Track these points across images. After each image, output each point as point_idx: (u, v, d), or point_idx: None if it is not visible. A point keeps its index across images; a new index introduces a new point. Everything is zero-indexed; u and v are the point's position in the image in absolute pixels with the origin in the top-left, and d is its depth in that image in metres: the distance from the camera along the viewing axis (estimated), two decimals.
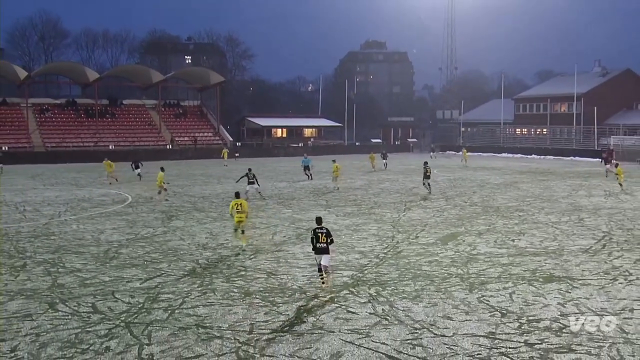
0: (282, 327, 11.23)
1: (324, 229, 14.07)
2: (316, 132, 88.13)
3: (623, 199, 29.59)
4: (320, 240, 13.83)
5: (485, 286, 13.99)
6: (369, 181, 39.50)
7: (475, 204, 28.09)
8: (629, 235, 20.20)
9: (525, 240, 19.49)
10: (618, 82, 79.29)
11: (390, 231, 21.17)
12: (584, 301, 12.77)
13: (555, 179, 40.68)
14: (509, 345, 10.29)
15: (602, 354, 9.88)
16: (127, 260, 16.74)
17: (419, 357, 9.82)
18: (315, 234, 13.96)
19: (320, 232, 13.94)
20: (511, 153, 70.44)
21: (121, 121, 73.26)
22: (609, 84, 79.57)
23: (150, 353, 10.02)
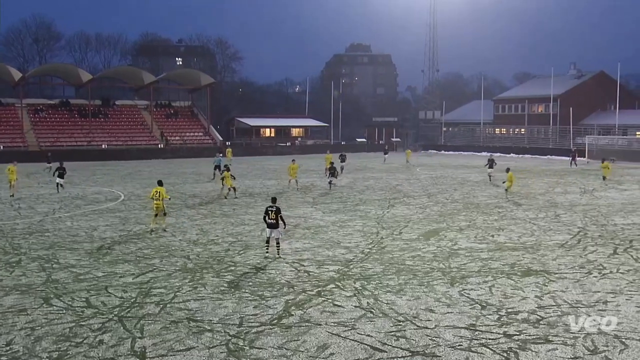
0: (271, 320, 11.23)
1: (274, 207, 16.35)
2: (303, 131, 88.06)
3: (597, 196, 29.83)
4: (270, 217, 16.19)
5: (466, 280, 14.06)
6: (354, 179, 39.53)
7: (456, 201, 28.21)
8: (603, 231, 20.37)
9: (504, 236, 19.59)
10: (593, 84, 79.85)
11: (375, 227, 21.21)
12: (560, 294, 12.87)
13: (532, 177, 40.94)
14: (488, 337, 10.35)
15: (578, 345, 9.96)
16: (120, 256, 16.65)
17: (402, 349, 9.85)
18: (266, 212, 16.37)
19: (271, 210, 16.29)
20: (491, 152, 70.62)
21: (114, 121, 72.77)
22: (584, 85, 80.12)
23: (143, 346, 9.98)
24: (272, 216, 16.18)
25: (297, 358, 9.51)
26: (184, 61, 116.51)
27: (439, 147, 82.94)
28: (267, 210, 16.39)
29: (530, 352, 9.66)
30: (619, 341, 10.07)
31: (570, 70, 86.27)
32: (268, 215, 16.30)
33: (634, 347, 9.80)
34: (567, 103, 74.76)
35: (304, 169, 42.08)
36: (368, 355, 9.60)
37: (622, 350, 9.70)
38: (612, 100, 71.18)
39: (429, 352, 9.68)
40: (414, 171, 45.80)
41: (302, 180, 38.33)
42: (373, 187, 34.33)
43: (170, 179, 39.45)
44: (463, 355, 9.55)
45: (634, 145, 61.21)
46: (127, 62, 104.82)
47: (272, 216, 16.18)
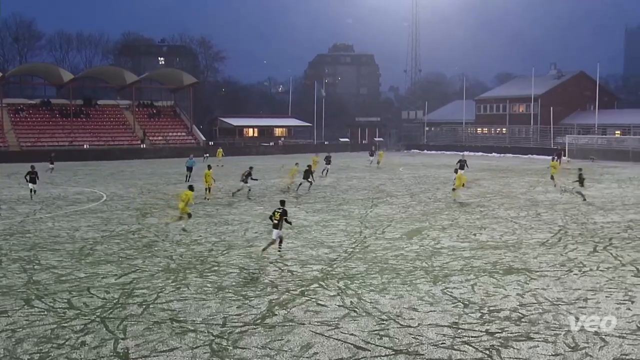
0: (254, 320, 11.20)
1: (281, 209, 16.93)
2: (286, 131, 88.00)
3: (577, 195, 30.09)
4: (275, 217, 16.78)
5: (449, 278, 14.12)
6: (337, 179, 39.57)
7: (438, 200, 28.34)
8: (583, 229, 20.57)
9: (486, 235, 19.71)
10: (572, 84, 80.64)
11: (358, 227, 21.24)
12: (542, 292, 12.97)
13: (514, 176, 41.24)
14: (471, 335, 10.41)
15: (558, 342, 10.05)
16: (102, 257, 16.51)
17: (386, 347, 9.87)
18: (273, 213, 17.02)
19: (277, 212, 16.87)
20: (472, 151, 71.02)
21: (96, 121, 72.19)
22: (564, 85, 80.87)
23: (126, 347, 9.91)
24: (276, 217, 16.80)
25: (281, 358, 9.49)
26: (166, 61, 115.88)
27: (421, 146, 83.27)
28: (273, 212, 17.08)
29: (512, 350, 9.73)
30: (598, 338, 10.17)
31: (550, 71, 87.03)
32: (273, 215, 16.94)
33: (613, 344, 9.91)
34: (547, 103, 75.52)
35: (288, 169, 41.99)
36: (352, 354, 9.61)
37: (602, 347, 9.80)
38: (592, 100, 71.95)
39: (412, 351, 9.71)
40: (397, 171, 45.93)
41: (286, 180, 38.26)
42: (356, 187, 34.38)
43: (153, 179, 39.25)
44: (446, 353, 9.59)
45: (613, 144, 61.93)
46: (109, 61, 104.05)
47: (277, 217, 16.78)
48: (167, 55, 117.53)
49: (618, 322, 10.97)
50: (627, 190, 32.13)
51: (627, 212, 24.44)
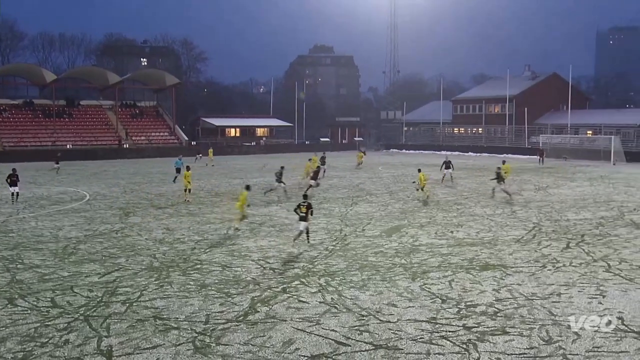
0: (237, 317, 11.17)
1: (306, 203, 17.87)
2: (268, 131, 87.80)
3: (551, 193, 30.45)
4: (301, 211, 17.58)
5: (427, 275, 14.20)
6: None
7: (417, 198, 28.44)
8: (556, 226, 20.79)
9: (463, 232, 19.84)
10: (546, 85, 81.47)
11: (339, 225, 21.27)
12: (517, 287, 13.09)
13: (490, 175, 41.38)
14: (448, 329, 10.48)
15: (533, 335, 10.15)
16: (86, 256, 16.35)
17: (366, 342, 9.90)
18: (299, 207, 17.86)
19: (303, 205, 17.77)
20: (450, 151, 71.49)
21: (78, 121, 71.43)
22: (538, 86, 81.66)
23: (109, 345, 9.83)
24: (302, 210, 17.64)
25: (263, 353, 9.48)
26: (148, 61, 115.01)
27: (400, 146, 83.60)
28: (299, 206, 17.88)
29: (489, 343, 9.82)
30: (571, 331, 10.30)
31: (525, 72, 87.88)
32: (300, 208, 17.74)
33: (585, 337, 10.04)
34: (522, 103, 76.22)
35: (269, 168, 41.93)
36: (332, 349, 9.62)
37: (574, 340, 9.92)
38: (565, 100, 72.72)
39: (392, 346, 9.75)
40: (376, 170, 46.05)
41: (268, 179, 38.21)
42: (337, 186, 34.42)
43: (136, 179, 38.95)
44: (424, 348, 9.64)
45: (585, 144, 62.63)
46: (92, 62, 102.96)
47: (303, 210, 17.63)
48: (149, 56, 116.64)
49: (590, 315, 11.12)
50: (599, 188, 32.54)
51: (598, 209, 24.75)
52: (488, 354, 9.38)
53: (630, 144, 60.92)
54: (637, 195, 29.19)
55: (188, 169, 28.80)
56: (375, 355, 9.41)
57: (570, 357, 9.21)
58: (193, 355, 9.43)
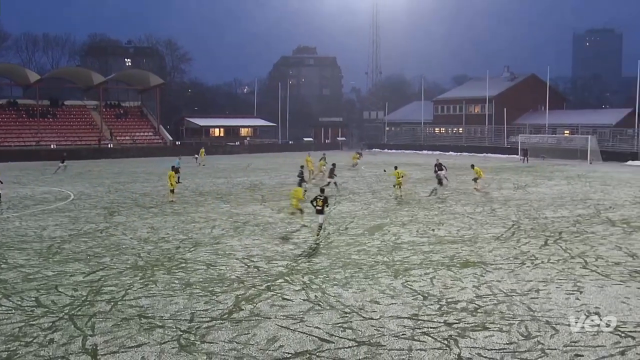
0: (222, 315, 11.13)
1: (322, 197, 18.90)
2: (252, 131, 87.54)
3: (529, 192, 30.70)
4: (317, 204, 18.62)
5: (409, 272, 14.25)
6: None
7: (399, 197, 28.53)
8: (535, 224, 20.97)
9: (444, 230, 19.94)
10: (524, 86, 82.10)
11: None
12: (496, 284, 13.18)
13: (470, 174, 41.66)
14: (430, 326, 10.52)
15: (512, 331, 10.23)
16: (70, 255, 16.20)
17: (349, 339, 9.92)
18: (315, 200, 18.84)
19: (319, 199, 18.74)
20: (431, 150, 71.84)
21: (62, 121, 70.71)
22: (516, 87, 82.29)
23: (94, 343, 9.75)
24: (319, 204, 18.64)
25: (248, 351, 9.46)
26: (133, 62, 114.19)
27: (382, 146, 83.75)
28: (315, 199, 18.86)
29: (469, 339, 9.87)
30: (550, 327, 10.39)
31: (504, 73, 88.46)
32: (316, 203, 18.72)
33: (563, 332, 10.14)
34: (501, 104, 76.74)
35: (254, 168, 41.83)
36: (316, 346, 9.62)
37: (552, 335, 10.01)
38: (543, 101, 73.37)
39: (374, 342, 9.78)
40: (359, 169, 46.12)
41: (252, 179, 38.14)
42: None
43: (121, 178, 38.64)
44: (406, 344, 9.68)
45: (563, 143, 63.19)
46: (76, 62, 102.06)
47: (319, 203, 18.65)
48: (133, 57, 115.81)
49: (568, 311, 11.23)
50: (576, 187, 32.87)
51: (575, 207, 25.00)
52: (469, 350, 9.44)
53: (606, 144, 61.57)
54: (613, 194, 29.54)
55: (172, 169, 28.59)
56: (358, 351, 9.42)
57: (548, 352, 9.30)
58: (178, 353, 9.38)
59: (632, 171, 44.21)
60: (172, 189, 27.43)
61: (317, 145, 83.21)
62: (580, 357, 9.09)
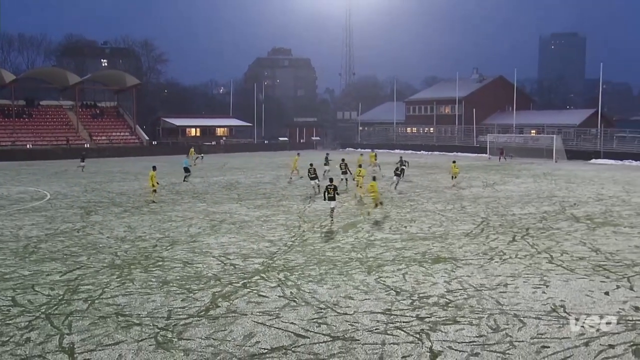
0: (198, 312, 11.05)
1: (332, 186, 21.37)
2: (228, 131, 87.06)
3: (498, 189, 31.05)
4: (329, 193, 21.01)
5: (382, 268, 14.30)
6: (277, 176, 39.46)
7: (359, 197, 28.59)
8: (503, 220, 21.21)
9: (415, 227, 20.06)
10: (492, 87, 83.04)
11: (297, 221, 21.26)
12: (467, 279, 13.30)
13: (440, 172, 42.09)
14: (402, 320, 10.58)
15: (482, 324, 10.34)
16: (47, 255, 15.93)
17: (324, 334, 9.92)
18: (326, 189, 21.24)
19: (330, 188, 21.16)
20: (403, 149, 72.21)
21: (38, 121, 69.49)
22: (485, 89, 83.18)
23: (71, 342, 9.60)
24: (330, 192, 20.96)
25: (225, 347, 9.40)
26: (109, 62, 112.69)
27: (355, 145, 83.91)
28: (327, 188, 21.22)
29: (440, 333, 9.95)
30: (517, 320, 10.52)
31: (473, 75, 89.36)
32: (328, 192, 21.02)
33: (530, 325, 10.27)
34: (470, 104, 77.55)
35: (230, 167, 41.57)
36: (292, 341, 9.61)
37: (520, 328, 10.14)
38: (510, 102, 74.27)
39: (349, 337, 9.80)
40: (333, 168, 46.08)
41: (228, 178, 37.93)
42: (295, 184, 34.38)
43: (97, 178, 38.13)
44: (380, 338, 9.71)
45: (529, 142, 64.05)
46: (52, 63, 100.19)
47: (331, 192, 20.96)
48: (110, 57, 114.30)
49: (534, 304, 11.39)
50: (542, 185, 33.34)
51: (541, 204, 25.36)
52: (440, 343, 9.51)
53: (570, 143, 62.55)
54: (578, 191, 30.03)
55: (154, 169, 27.92)
56: (333, 346, 9.44)
57: (516, 344, 9.41)
58: (155, 351, 9.29)
59: (596, 169, 45.03)
60: (154, 189, 26.86)
61: (292, 144, 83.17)
62: (547, 349, 9.23)
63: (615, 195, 28.39)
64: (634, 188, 31.45)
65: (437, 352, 9.18)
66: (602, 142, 58.99)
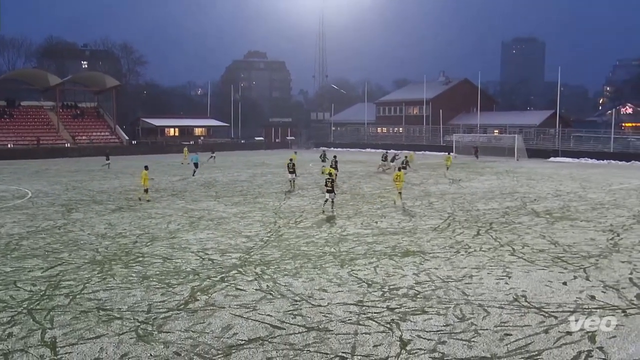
0: (178, 306, 10.96)
1: (331, 179, 22.68)
2: (205, 131, 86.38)
3: (463, 186, 31.38)
4: (328, 185, 22.30)
5: (354, 262, 14.35)
6: (253, 174, 39.31)
7: (344, 192, 28.71)
8: (468, 215, 21.45)
9: (386, 222, 20.16)
10: (458, 89, 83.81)
11: (273, 217, 21.21)
12: (434, 271, 13.42)
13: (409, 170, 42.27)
14: (374, 311, 10.63)
15: (449, 314, 10.45)
16: (28, 252, 15.63)
17: (299, 325, 9.92)
18: (325, 181, 22.69)
19: (329, 180, 22.54)
20: (374, 149, 72.50)
21: (19, 122, 67.99)
22: (451, 90, 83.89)
23: (53, 336, 9.44)
24: (329, 184, 22.25)
25: (203, 339, 9.35)
26: (89, 64, 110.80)
27: (329, 144, 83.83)
28: (326, 181, 22.68)
29: (410, 322, 10.02)
30: (482, 309, 10.65)
31: (440, 78, 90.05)
32: (326, 184, 22.36)
33: (494, 314, 10.41)
34: (437, 105, 78.15)
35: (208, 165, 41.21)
36: (268, 333, 9.60)
37: (484, 317, 10.27)
38: (474, 103, 74.99)
39: (323, 327, 9.82)
40: (307, 166, 46.13)
41: (205, 176, 37.66)
42: (271, 182, 34.28)
43: (78, 177, 37.52)
44: (352, 329, 9.75)
45: (493, 142, 64.82)
46: (32, 64, 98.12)
47: (329, 184, 22.25)
48: (90, 59, 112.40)
49: (498, 294, 11.54)
50: (504, 182, 33.78)
51: (504, 200, 25.70)
52: (409, 332, 9.59)
53: (531, 142, 63.42)
54: (538, 187, 30.50)
55: (146, 168, 27.42)
56: (308, 336, 9.44)
57: (481, 332, 9.53)
58: (136, 343, 9.19)
59: (554, 167, 45.79)
60: (145, 188, 26.31)
61: (268, 144, 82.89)
62: (510, 336, 9.36)
63: (573, 191, 28.91)
64: (589, 184, 32.07)
65: (406, 340, 9.25)
66: (560, 141, 60.00)
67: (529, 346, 8.98)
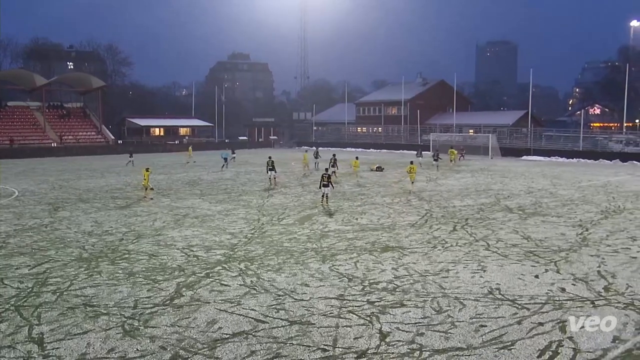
0: (164, 302, 10.89)
1: (327, 175, 23.55)
2: (190, 131, 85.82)
3: (440, 184, 31.58)
4: (324, 180, 23.17)
5: (335, 257, 14.37)
6: (237, 172, 39.14)
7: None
8: (445, 212, 21.60)
9: (366, 218, 20.22)
10: (435, 90, 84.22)
11: (256, 215, 21.15)
12: (412, 265, 13.50)
13: (388, 169, 42.55)
14: (354, 305, 10.66)
15: (426, 307, 10.51)
16: (16, 249, 15.39)
17: (282, 319, 9.92)
18: (322, 177, 23.48)
19: (325, 176, 23.37)
20: (354, 148, 72.67)
21: (6, 122, 66.87)
22: (428, 91, 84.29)
23: (40, 332, 9.32)
24: (325, 180, 23.05)
25: (189, 334, 9.29)
26: (75, 65, 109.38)
27: (310, 144, 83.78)
28: (322, 177, 23.46)
29: (389, 315, 10.07)
30: (458, 302, 10.74)
31: (417, 79, 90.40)
32: (322, 180, 23.21)
33: (469, 306, 10.51)
34: (415, 106, 78.50)
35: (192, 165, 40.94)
36: (252, 327, 9.57)
37: (460, 309, 10.36)
38: (450, 103, 75.43)
39: (305, 321, 9.82)
40: (289, 165, 46.08)
41: (191, 175, 37.43)
42: (254, 180, 34.17)
43: (64, 176, 37.04)
44: (334, 322, 9.77)
45: (468, 141, 65.27)
46: (19, 65, 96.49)
47: (325, 180, 23.05)
48: (75, 60, 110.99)
49: (473, 288, 11.65)
50: (479, 179, 34.07)
51: (479, 197, 25.92)
52: (389, 324, 9.63)
53: (504, 141, 64.02)
54: (511, 185, 30.81)
55: (147, 170, 27.08)
56: (291, 330, 9.44)
57: (457, 324, 9.61)
58: (122, 338, 9.10)
59: (526, 165, 46.30)
60: (148, 186, 26.15)
61: (251, 143, 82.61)
62: (485, 327, 9.45)
63: (544, 188, 29.26)
64: (560, 182, 32.48)
65: (386, 332, 9.29)
66: (532, 140, 60.67)
67: (503, 337, 9.08)
